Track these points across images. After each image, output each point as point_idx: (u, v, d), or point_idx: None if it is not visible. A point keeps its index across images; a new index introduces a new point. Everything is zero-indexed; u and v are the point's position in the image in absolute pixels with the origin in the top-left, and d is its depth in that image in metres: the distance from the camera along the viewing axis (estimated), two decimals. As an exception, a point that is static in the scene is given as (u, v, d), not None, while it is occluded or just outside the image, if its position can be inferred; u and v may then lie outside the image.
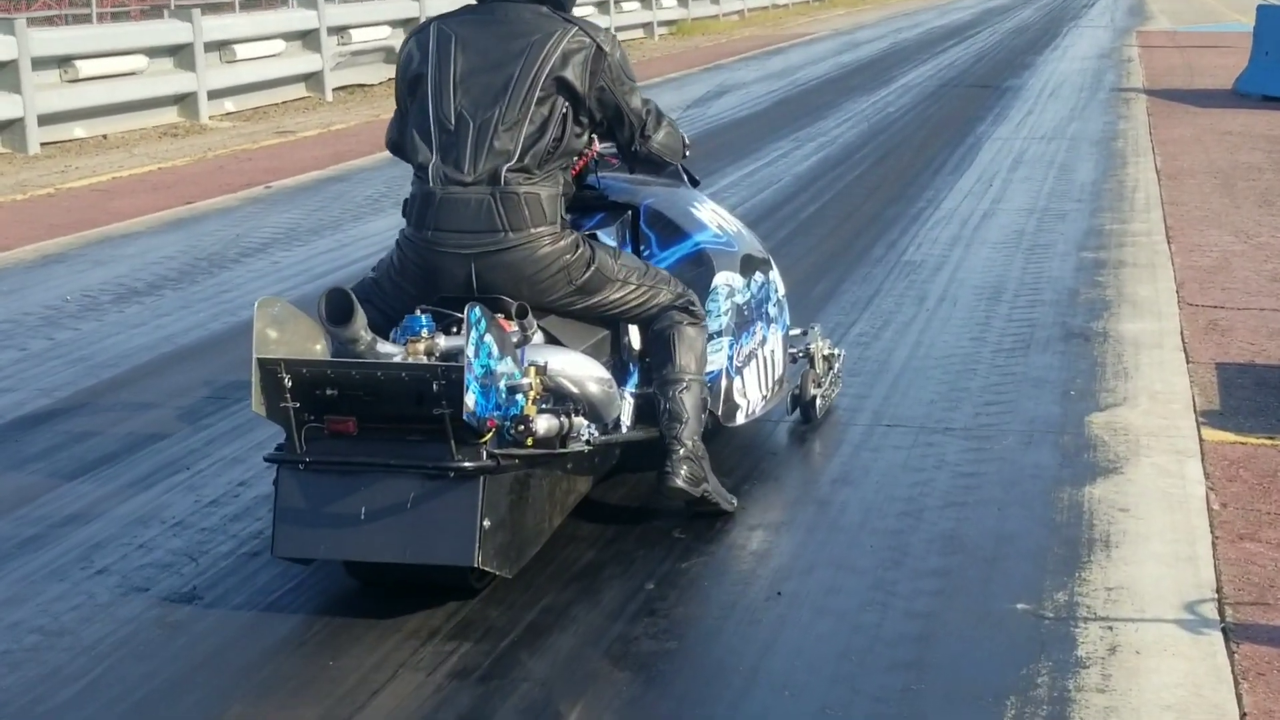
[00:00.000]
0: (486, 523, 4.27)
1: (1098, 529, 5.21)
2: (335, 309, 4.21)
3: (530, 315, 4.58)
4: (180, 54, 18.32)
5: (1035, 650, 4.30)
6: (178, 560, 5.00)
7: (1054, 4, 51.48)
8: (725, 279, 5.63)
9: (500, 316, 4.49)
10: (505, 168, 4.66)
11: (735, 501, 5.29)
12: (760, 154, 14.09)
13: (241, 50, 19.76)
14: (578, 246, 4.86)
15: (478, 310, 4.20)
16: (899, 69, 24.43)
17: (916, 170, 13.49)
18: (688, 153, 5.48)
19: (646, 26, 33.40)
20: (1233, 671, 4.17)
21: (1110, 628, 4.46)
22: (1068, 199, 11.98)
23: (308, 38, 21.24)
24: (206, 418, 6.43)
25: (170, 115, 18.32)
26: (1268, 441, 6.05)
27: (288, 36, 20.93)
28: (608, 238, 5.35)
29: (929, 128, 16.87)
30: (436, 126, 4.76)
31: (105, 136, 16.74)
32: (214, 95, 18.95)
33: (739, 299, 5.71)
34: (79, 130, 16.40)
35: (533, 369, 4.41)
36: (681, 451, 4.91)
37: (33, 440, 6.31)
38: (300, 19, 21.35)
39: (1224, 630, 4.42)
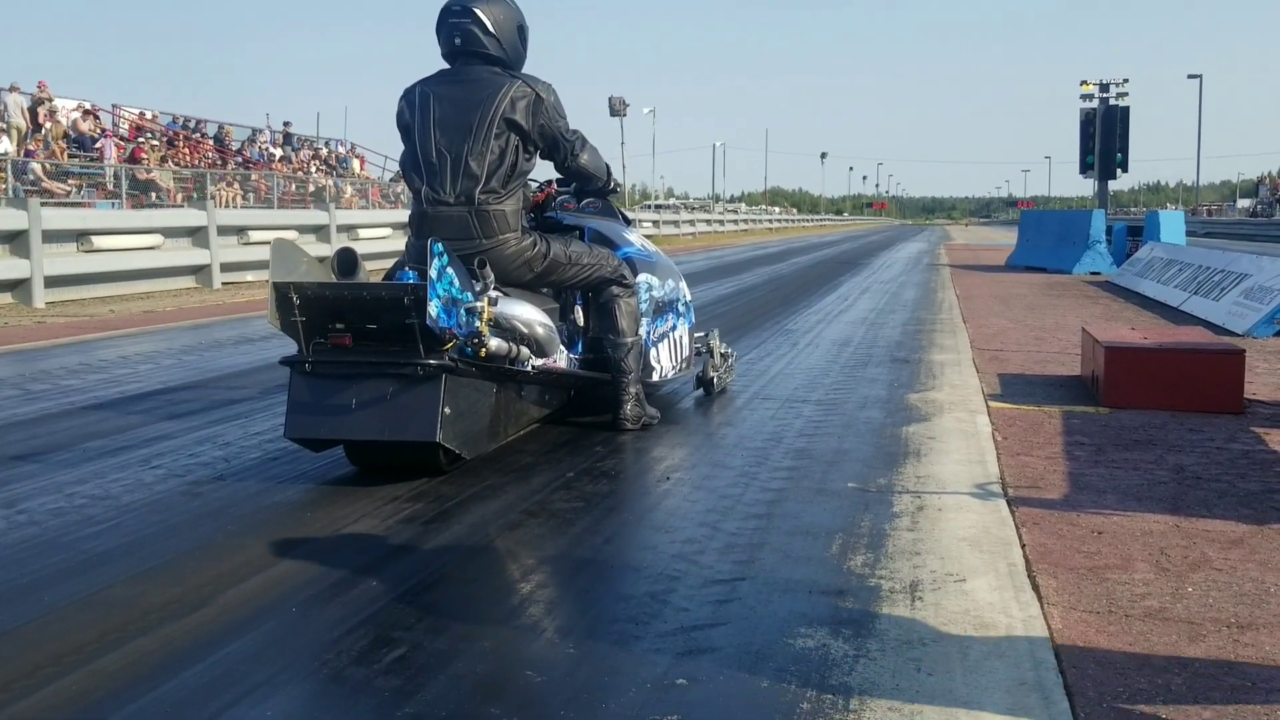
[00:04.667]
0: (447, 410, 3.67)
1: (911, 447, 4.47)
2: (345, 263, 3.85)
3: (488, 267, 3.97)
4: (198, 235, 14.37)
5: (860, 509, 3.55)
6: (216, 461, 4.20)
7: (893, 232, 52.29)
8: (645, 278, 5.05)
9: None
10: (477, 190, 4.12)
11: (658, 415, 4.88)
12: (698, 286, 13.52)
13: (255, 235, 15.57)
14: (535, 245, 4.31)
15: (440, 245, 3.65)
16: (790, 258, 24.04)
17: (797, 295, 12.92)
18: (616, 184, 4.95)
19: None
20: (1014, 521, 3.46)
21: (919, 496, 3.71)
22: (898, 306, 11.39)
23: (320, 231, 17.30)
24: (278, 392, 5.56)
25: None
26: (1034, 408, 5.32)
27: (302, 229, 16.99)
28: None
29: (807, 278, 16.33)
30: (424, 162, 4.20)
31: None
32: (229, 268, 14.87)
33: (656, 293, 5.14)
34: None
35: (486, 299, 3.79)
36: (627, 399, 4.65)
37: (142, 403, 5.50)
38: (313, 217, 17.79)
39: (1007, 500, 3.69)
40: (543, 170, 4.60)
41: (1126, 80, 26.42)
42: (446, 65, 4.34)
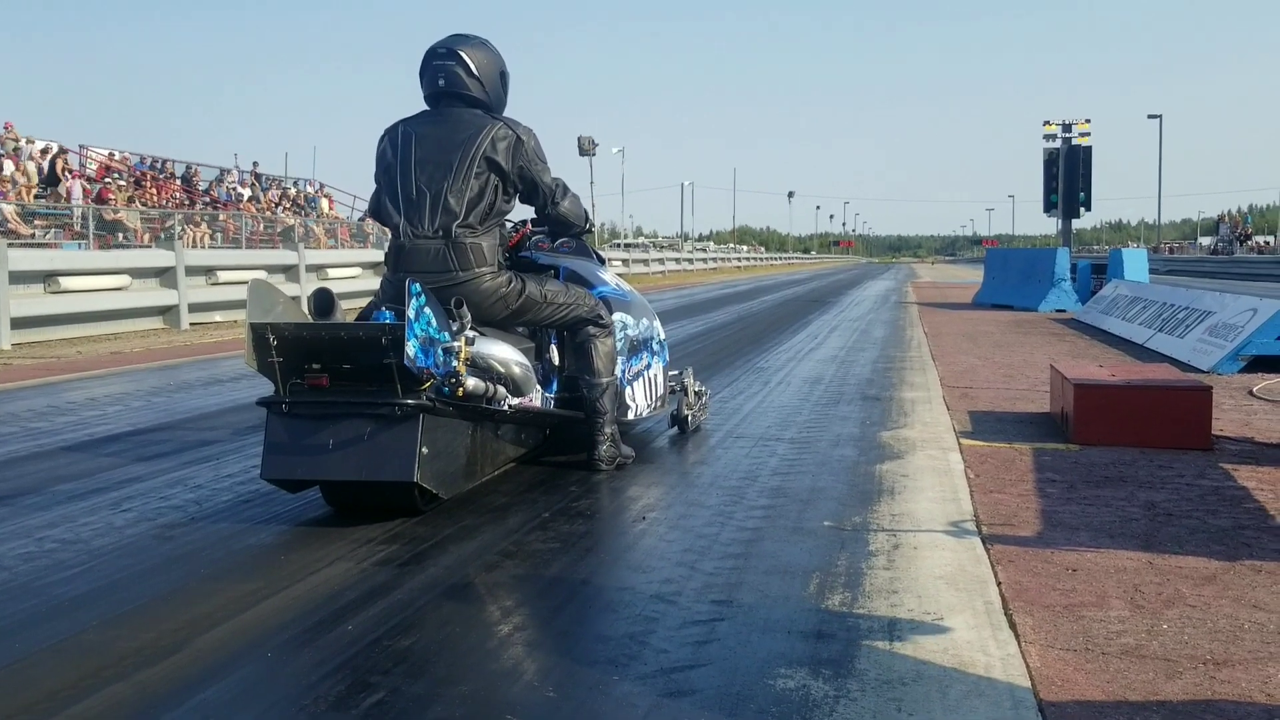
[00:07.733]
0: (425, 449, 3.67)
1: (885, 485, 4.49)
2: (321, 304, 3.86)
3: (465, 307, 3.94)
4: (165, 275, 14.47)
5: (836, 548, 3.56)
6: (187, 504, 4.17)
7: (860, 270, 52.71)
8: (620, 317, 5.08)
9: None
10: (454, 224, 4.16)
11: (633, 454, 4.92)
12: (669, 325, 13.59)
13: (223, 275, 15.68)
14: (511, 281, 4.35)
15: (418, 285, 3.67)
16: (759, 296, 24.24)
17: (767, 333, 13.01)
18: (590, 225, 4.93)
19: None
20: (989, 559, 3.46)
21: (894, 535, 3.72)
22: (867, 344, 11.47)
23: (289, 271, 17.36)
24: (249, 434, 5.53)
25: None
26: (1005, 446, 5.36)
27: (271, 269, 16.98)
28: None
29: (776, 316, 16.46)
30: (404, 198, 4.23)
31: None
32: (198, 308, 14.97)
33: (631, 332, 5.19)
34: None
35: (463, 338, 3.80)
36: (602, 439, 4.66)
37: (111, 445, 5.45)
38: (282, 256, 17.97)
39: (981, 538, 3.70)
40: (518, 212, 4.64)
41: (1089, 120, 26.87)
42: (428, 107, 4.38)
